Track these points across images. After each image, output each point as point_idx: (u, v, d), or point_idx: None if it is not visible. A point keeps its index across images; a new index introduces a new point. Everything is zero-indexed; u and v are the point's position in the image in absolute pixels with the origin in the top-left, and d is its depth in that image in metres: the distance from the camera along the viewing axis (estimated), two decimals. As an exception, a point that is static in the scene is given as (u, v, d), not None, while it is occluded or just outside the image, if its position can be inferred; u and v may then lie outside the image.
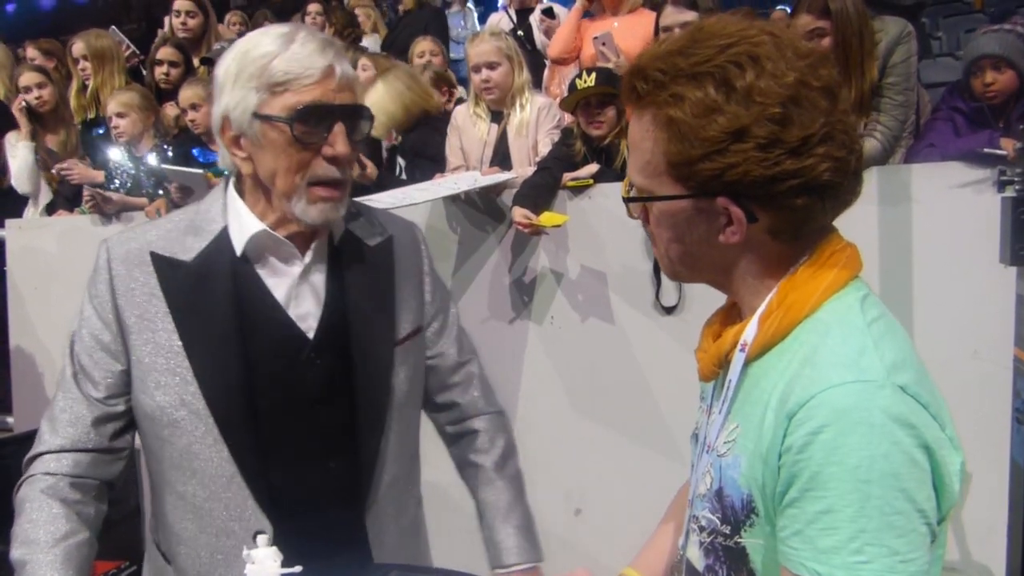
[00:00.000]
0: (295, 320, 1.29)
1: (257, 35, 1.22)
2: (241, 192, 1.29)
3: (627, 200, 0.96)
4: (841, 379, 0.80)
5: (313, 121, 1.18)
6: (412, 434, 1.46)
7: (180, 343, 1.25)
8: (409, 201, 2.56)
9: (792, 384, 0.83)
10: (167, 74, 4.11)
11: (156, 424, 1.28)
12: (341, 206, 1.26)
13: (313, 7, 5.40)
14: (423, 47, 4.14)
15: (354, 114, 1.23)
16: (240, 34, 5.18)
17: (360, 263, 1.34)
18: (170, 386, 1.26)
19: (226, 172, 1.37)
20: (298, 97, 1.17)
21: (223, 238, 1.27)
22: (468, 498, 1.52)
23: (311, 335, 1.30)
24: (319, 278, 1.32)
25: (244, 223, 1.27)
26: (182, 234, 1.29)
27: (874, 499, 0.77)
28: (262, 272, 1.28)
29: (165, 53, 4.14)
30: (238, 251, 1.26)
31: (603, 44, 3.02)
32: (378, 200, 2.53)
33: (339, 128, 1.20)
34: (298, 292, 1.29)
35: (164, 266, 1.26)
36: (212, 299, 1.25)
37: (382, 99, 3.11)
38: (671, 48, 0.88)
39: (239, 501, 1.28)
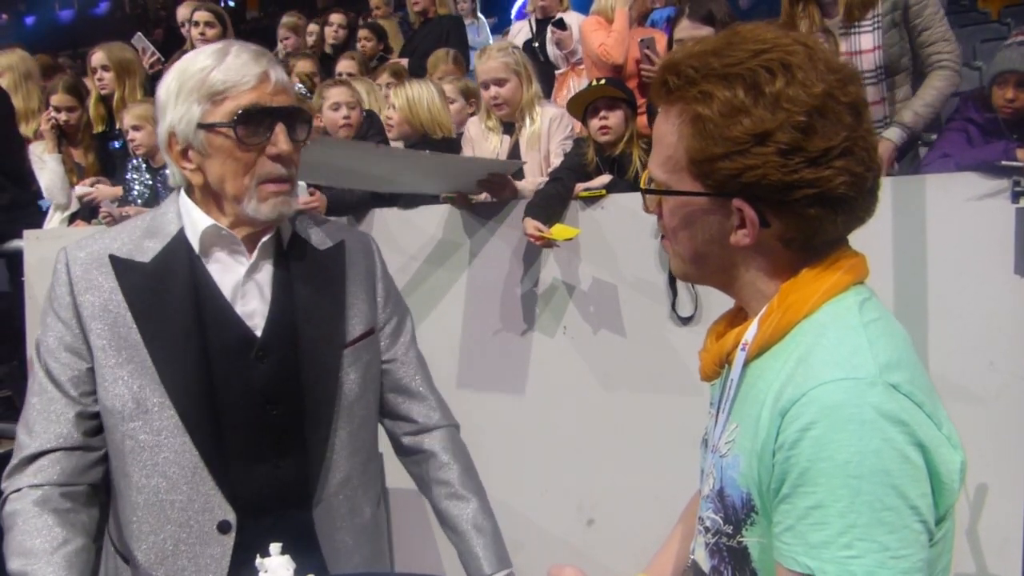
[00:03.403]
0: (242, 318, 1.33)
1: (193, 54, 1.30)
2: (192, 201, 1.35)
3: (644, 192, 0.98)
4: (832, 376, 0.81)
5: (254, 123, 1.26)
6: (366, 434, 1.48)
7: (141, 339, 1.29)
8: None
9: (787, 383, 0.84)
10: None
11: (120, 418, 1.30)
12: (291, 200, 1.33)
13: (336, 18, 5.46)
14: (441, 67, 4.15)
15: (292, 115, 1.30)
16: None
17: (308, 266, 1.39)
18: (132, 380, 1.29)
19: None
20: (237, 102, 1.25)
21: (180, 238, 1.33)
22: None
23: (258, 333, 1.34)
24: (265, 277, 1.36)
25: (196, 222, 1.33)
26: (140, 238, 1.34)
27: (864, 495, 0.77)
28: (212, 268, 1.33)
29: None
30: (196, 248, 1.32)
31: (647, 48, 3.05)
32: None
33: (279, 128, 1.28)
34: (244, 290, 1.34)
35: (123, 268, 1.32)
36: (170, 296, 1.30)
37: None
38: (706, 48, 0.89)
39: (203, 492, 1.31)
